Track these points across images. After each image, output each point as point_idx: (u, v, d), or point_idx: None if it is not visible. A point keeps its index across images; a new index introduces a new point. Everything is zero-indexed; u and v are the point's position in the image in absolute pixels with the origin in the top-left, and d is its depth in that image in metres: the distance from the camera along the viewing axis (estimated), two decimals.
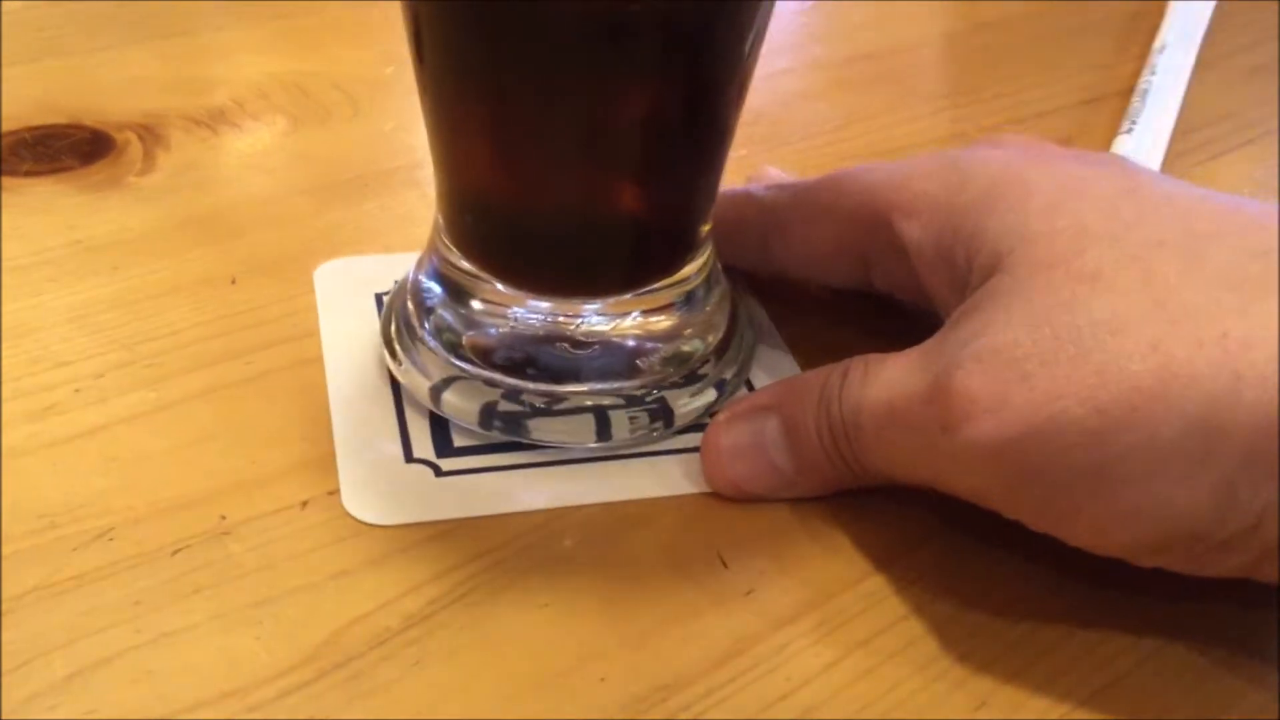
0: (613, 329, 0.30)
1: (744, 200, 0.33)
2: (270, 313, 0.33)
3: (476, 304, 0.30)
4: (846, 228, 0.31)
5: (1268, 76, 0.51)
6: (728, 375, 0.31)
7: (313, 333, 0.33)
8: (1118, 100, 0.48)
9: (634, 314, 0.30)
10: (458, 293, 0.30)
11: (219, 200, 0.38)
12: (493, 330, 0.30)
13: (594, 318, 0.30)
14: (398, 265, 0.34)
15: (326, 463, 0.29)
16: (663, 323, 0.31)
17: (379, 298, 0.34)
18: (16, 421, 0.29)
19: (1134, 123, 0.45)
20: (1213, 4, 0.56)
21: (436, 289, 0.31)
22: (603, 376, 0.30)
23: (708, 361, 0.31)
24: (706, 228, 0.31)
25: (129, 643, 0.25)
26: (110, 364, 0.31)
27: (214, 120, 0.43)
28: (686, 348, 0.31)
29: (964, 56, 0.53)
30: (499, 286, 0.30)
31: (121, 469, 0.28)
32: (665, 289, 0.30)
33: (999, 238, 0.26)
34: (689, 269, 0.31)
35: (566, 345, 0.30)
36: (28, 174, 0.39)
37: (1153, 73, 0.49)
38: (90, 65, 0.46)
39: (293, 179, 0.40)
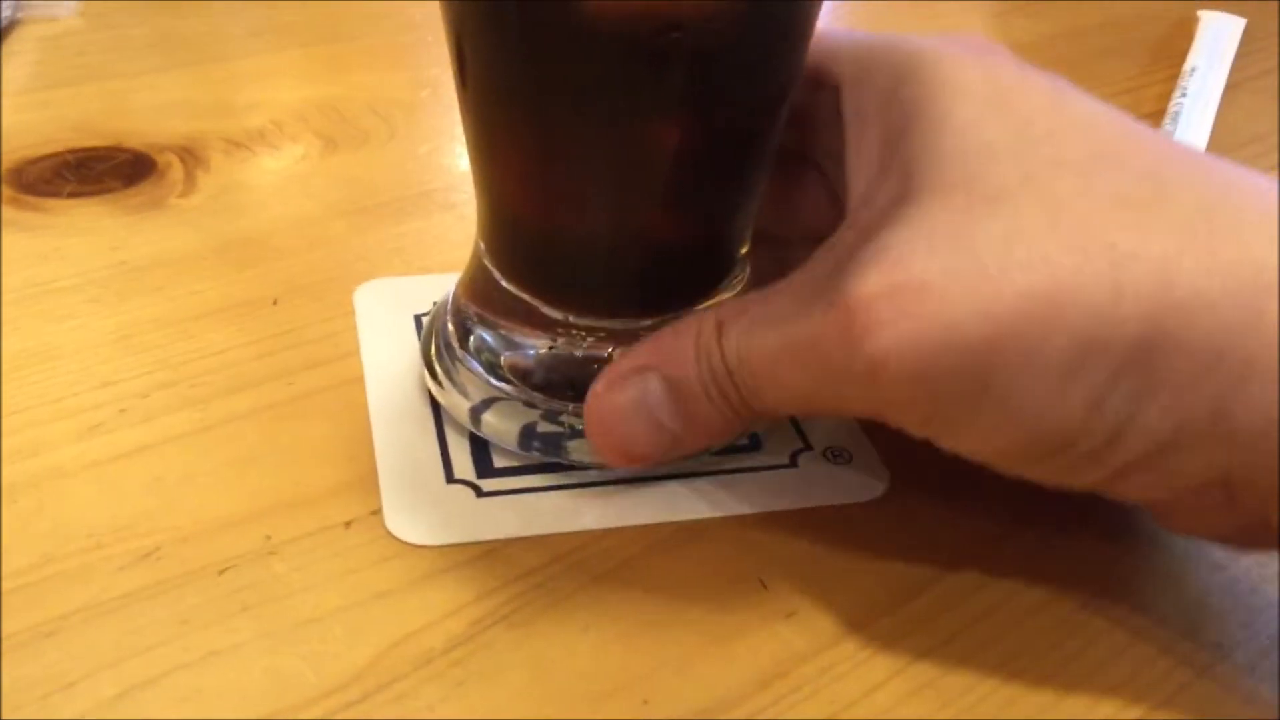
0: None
1: None
2: (311, 333, 0.34)
3: (516, 324, 0.30)
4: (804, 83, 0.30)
5: None
6: None
7: (353, 353, 0.33)
8: (1148, 123, 0.48)
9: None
10: (497, 313, 0.30)
11: (259, 221, 0.39)
12: (531, 351, 0.30)
13: (626, 338, 0.30)
14: (436, 286, 0.35)
15: (369, 483, 0.29)
16: None
17: (418, 319, 0.34)
18: (62, 441, 0.30)
19: None
20: (1242, 24, 0.56)
21: (476, 309, 0.31)
22: None
23: None
24: (745, 249, 0.31)
25: (176, 661, 0.25)
26: (154, 384, 0.32)
27: (253, 142, 0.43)
28: None
29: None
30: (539, 307, 0.30)
31: (167, 489, 0.29)
32: (704, 310, 0.30)
33: (917, 153, 0.25)
34: (728, 289, 0.31)
35: (605, 366, 0.30)
36: (71, 195, 0.39)
37: (1183, 95, 0.49)
38: (131, 89, 0.46)
39: (331, 201, 0.40)
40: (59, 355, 0.32)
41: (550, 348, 0.30)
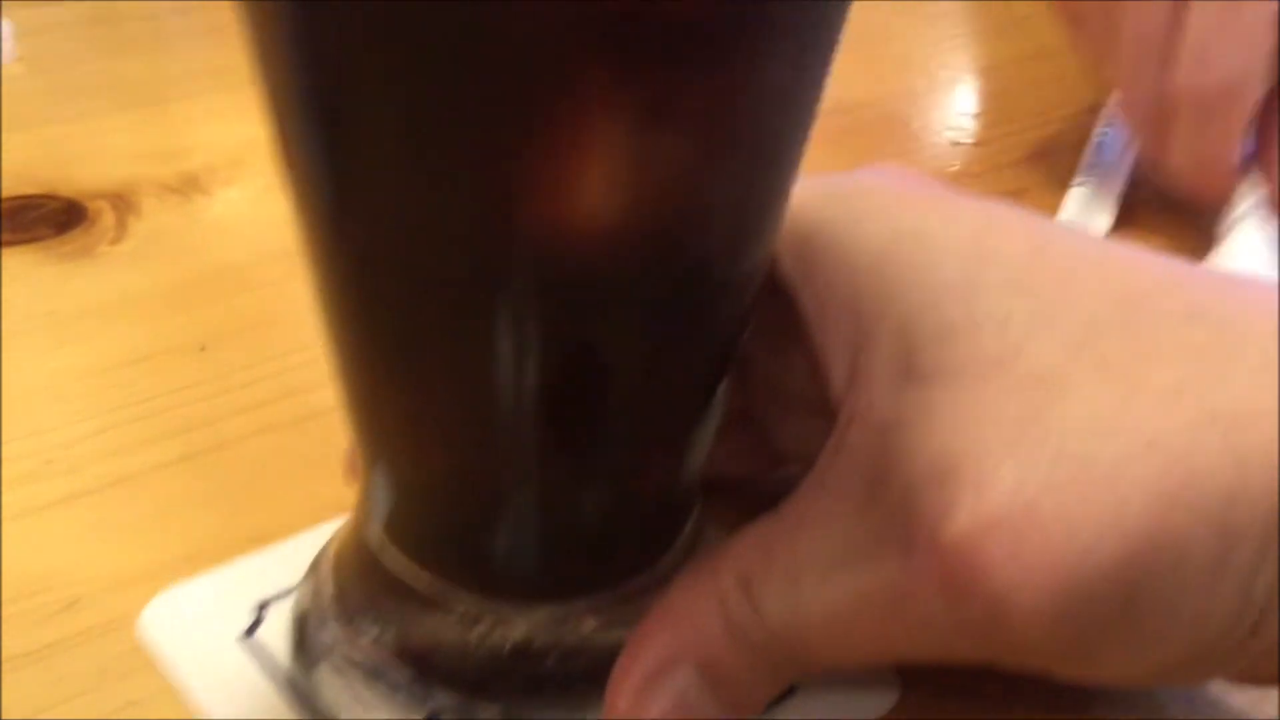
0: (576, 638, 0.25)
1: None
2: (238, 379, 0.34)
3: (406, 604, 0.25)
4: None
5: None
6: None
7: (281, 397, 0.33)
8: (1072, 152, 0.49)
9: (596, 618, 0.25)
10: (383, 590, 0.25)
11: (190, 267, 0.39)
12: (429, 637, 0.25)
13: (552, 625, 0.24)
14: (268, 569, 0.28)
15: (286, 530, 0.29)
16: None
17: (260, 608, 0.27)
18: None
19: (1087, 173, 0.46)
20: None
21: (356, 584, 0.25)
22: (564, 697, 0.24)
23: None
24: (696, 507, 0.26)
25: (96, 712, 0.25)
26: (81, 434, 0.32)
27: (186, 187, 0.44)
28: None
29: (921, 110, 0.54)
30: (435, 583, 0.24)
31: (90, 539, 0.29)
32: (641, 583, 0.25)
33: (913, 324, 0.22)
34: (673, 556, 0.25)
35: (522, 658, 0.24)
36: (5, 244, 0.40)
37: (1108, 124, 0.50)
38: (66, 135, 0.47)
39: (264, 245, 0.41)
40: None
41: (453, 633, 0.24)
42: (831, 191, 0.25)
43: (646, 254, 0.19)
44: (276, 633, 0.26)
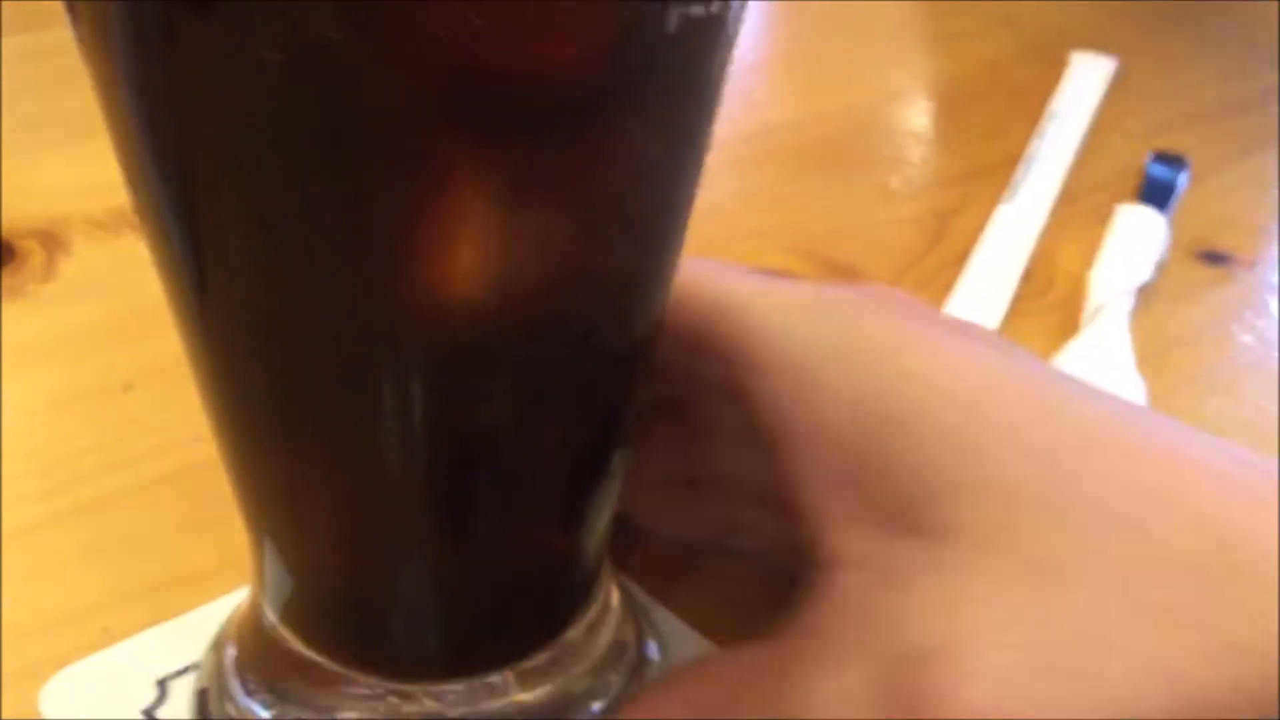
0: (484, 713, 0.24)
1: None
2: (161, 419, 0.34)
3: (305, 682, 0.24)
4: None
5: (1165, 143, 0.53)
6: None
7: (203, 439, 0.33)
8: (1007, 169, 0.50)
9: (503, 693, 0.24)
10: (281, 667, 0.25)
11: (117, 306, 0.39)
12: (330, 715, 0.24)
13: (458, 701, 0.24)
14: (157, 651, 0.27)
15: (210, 574, 0.29)
16: (545, 693, 0.25)
17: (161, 685, 0.26)
18: None
19: (1016, 191, 0.46)
20: (1111, 66, 0.57)
21: (255, 660, 0.25)
22: None
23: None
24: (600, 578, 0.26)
25: None
26: (3, 477, 0.32)
27: (116, 223, 0.43)
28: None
29: (863, 130, 0.54)
30: (332, 664, 0.24)
31: (9, 585, 0.29)
32: (548, 655, 0.25)
33: (910, 473, 0.22)
34: (578, 627, 0.25)
35: None
36: None
37: (1040, 139, 0.50)
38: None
39: None
40: None
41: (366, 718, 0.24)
42: (824, 310, 0.24)
43: (519, 326, 0.19)
44: (178, 709, 0.26)
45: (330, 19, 0.15)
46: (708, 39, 0.19)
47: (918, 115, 0.56)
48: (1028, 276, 0.43)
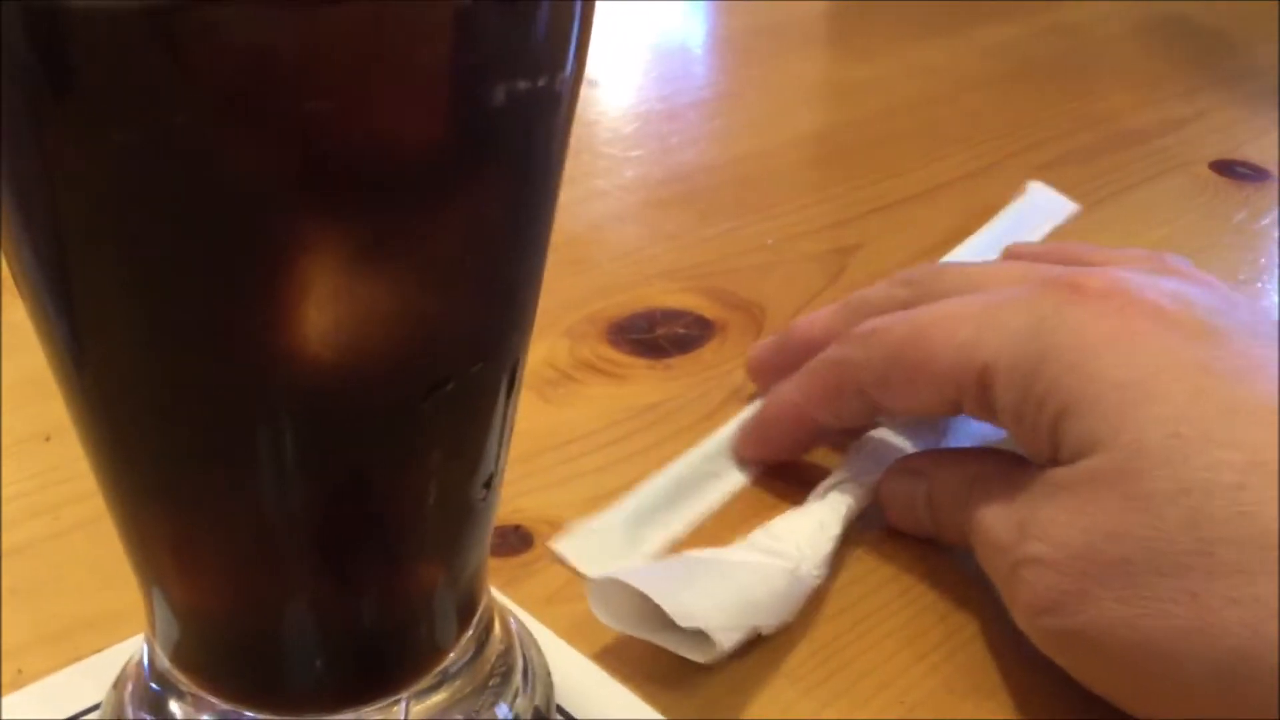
0: None
1: (832, 367, 0.35)
2: (80, 466, 0.35)
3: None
4: (944, 385, 0.32)
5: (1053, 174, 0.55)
6: None
7: None
8: (902, 208, 0.52)
9: (397, 713, 0.25)
10: (177, 707, 0.25)
11: (38, 359, 0.40)
12: None
13: None
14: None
15: (122, 616, 0.30)
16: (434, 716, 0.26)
17: None
18: None
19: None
20: (1069, 209, 0.53)
21: (152, 701, 0.26)
22: None
23: None
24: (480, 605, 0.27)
25: None
26: None
27: None
28: None
29: (767, 173, 0.57)
30: (223, 701, 0.25)
31: None
32: (431, 682, 0.26)
33: (1077, 437, 0.28)
34: (459, 652, 0.26)
35: None
36: None
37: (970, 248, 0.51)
38: None
39: None
40: None
41: None
42: (1056, 317, 0.30)
43: (374, 381, 0.21)
44: None
45: (177, 104, 0.17)
46: (539, 109, 0.20)
47: (820, 159, 0.59)
48: None
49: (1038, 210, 0.52)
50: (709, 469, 0.37)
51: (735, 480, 0.37)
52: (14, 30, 0.17)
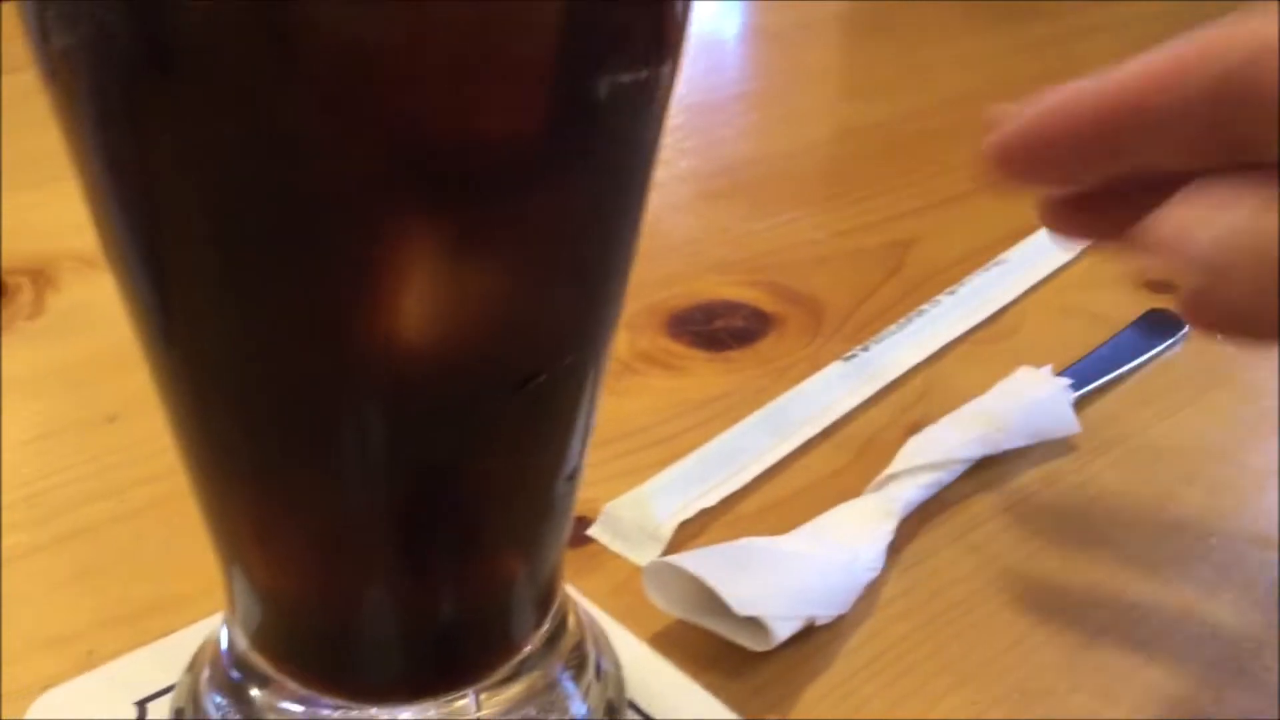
0: None
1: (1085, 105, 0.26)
2: (145, 449, 0.35)
3: (276, 703, 0.25)
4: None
5: None
6: None
7: None
8: (961, 202, 0.51)
9: (465, 712, 0.25)
10: (253, 688, 0.26)
11: (103, 340, 0.40)
12: None
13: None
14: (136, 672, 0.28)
15: (191, 598, 0.30)
16: (506, 710, 0.26)
17: (141, 706, 0.28)
18: None
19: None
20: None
21: (228, 682, 0.26)
22: None
23: None
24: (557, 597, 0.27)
25: None
26: None
27: (102, 259, 0.45)
28: None
29: (824, 165, 0.56)
30: (301, 687, 0.25)
31: (3, 609, 0.30)
32: (505, 673, 0.26)
33: None
34: (535, 645, 0.26)
35: None
36: None
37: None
38: None
39: None
40: None
41: None
42: None
43: (463, 372, 0.21)
44: None
45: (281, 96, 0.17)
46: (639, 103, 0.20)
47: (872, 152, 0.58)
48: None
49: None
50: (741, 444, 0.37)
51: (769, 456, 0.37)
52: (122, 18, 0.17)
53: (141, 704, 0.28)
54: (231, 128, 0.18)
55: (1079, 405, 0.39)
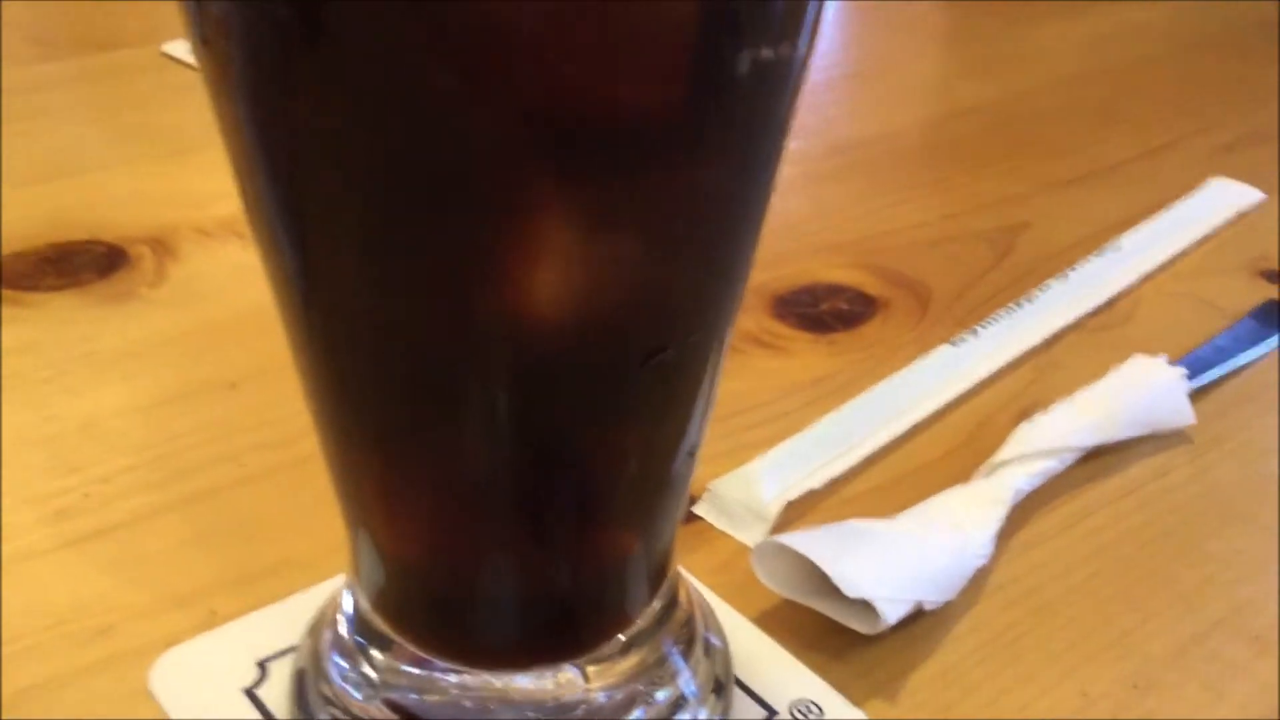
0: (561, 699, 0.26)
1: None
2: (265, 416, 0.36)
3: (396, 666, 0.26)
4: None
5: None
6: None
7: (306, 434, 0.35)
8: (1076, 186, 0.50)
9: (580, 679, 0.26)
10: (374, 651, 0.26)
11: (223, 308, 0.42)
12: (419, 698, 0.26)
13: (536, 688, 0.25)
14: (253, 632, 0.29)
15: (310, 561, 0.31)
16: (615, 680, 0.26)
17: (262, 666, 0.28)
18: (31, 526, 0.32)
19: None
20: (1257, 198, 0.52)
21: (349, 644, 0.27)
22: None
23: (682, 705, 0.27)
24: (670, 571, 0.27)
25: None
26: (116, 469, 0.34)
27: (221, 230, 0.46)
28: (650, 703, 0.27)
29: (931, 146, 0.56)
30: (420, 650, 0.26)
31: (123, 569, 0.31)
32: (619, 645, 0.26)
33: None
34: (648, 617, 0.27)
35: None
36: (50, 289, 0.42)
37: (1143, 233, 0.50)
38: (104, 181, 0.49)
39: None
40: (31, 444, 0.35)
41: (453, 700, 0.25)
42: None
43: (593, 344, 0.21)
44: (277, 689, 0.28)
45: (428, 68, 0.17)
46: (776, 80, 0.20)
47: (984, 132, 0.57)
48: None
49: (1219, 199, 0.51)
50: (849, 426, 0.37)
51: (876, 438, 0.37)
52: None
53: (263, 663, 0.28)
54: (378, 96, 0.18)
55: (1194, 396, 0.38)
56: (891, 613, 0.29)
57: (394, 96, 0.18)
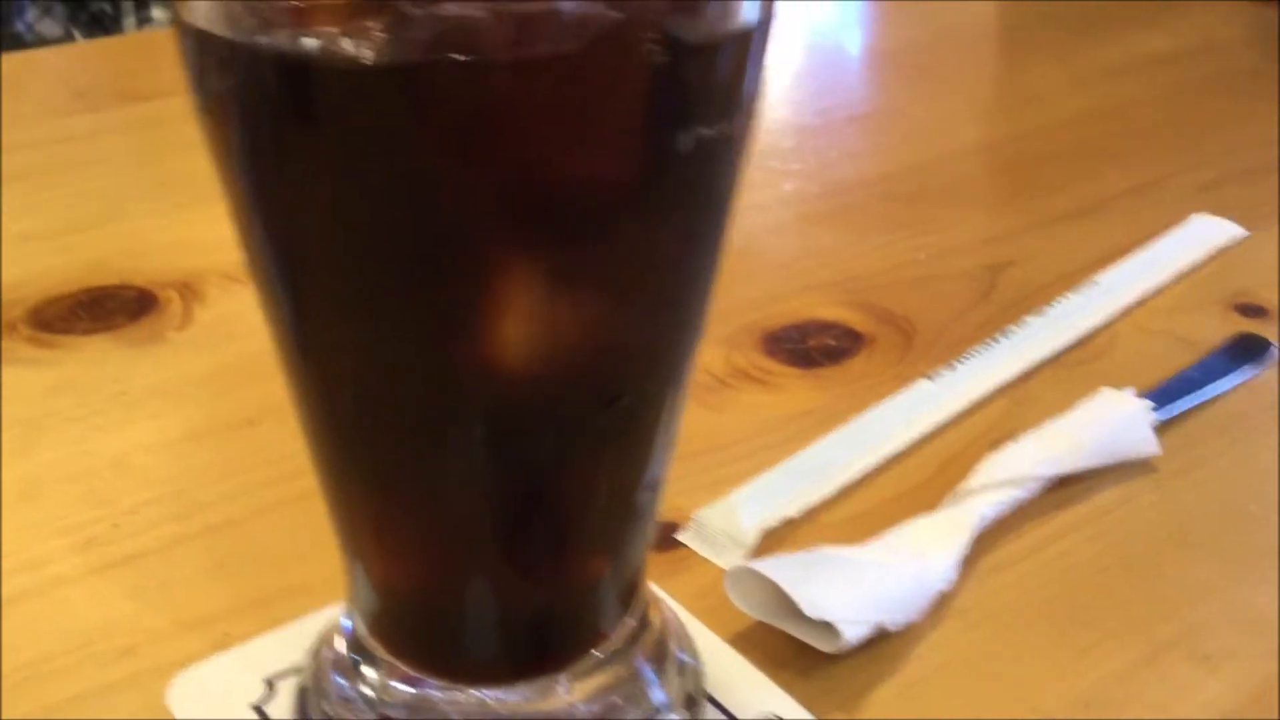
0: (550, 710, 0.28)
1: None
2: (282, 450, 0.39)
3: (390, 685, 0.28)
4: None
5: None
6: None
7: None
8: (1061, 225, 0.52)
9: (564, 691, 0.28)
10: (370, 670, 0.29)
11: (245, 349, 0.44)
12: (413, 715, 0.28)
13: (524, 701, 0.28)
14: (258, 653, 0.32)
15: (318, 587, 0.34)
16: (593, 693, 0.28)
17: (269, 683, 0.31)
18: (63, 554, 0.35)
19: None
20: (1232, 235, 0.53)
21: (347, 664, 0.29)
22: None
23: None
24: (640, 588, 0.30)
25: None
26: (143, 502, 0.37)
27: (245, 276, 0.48)
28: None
29: (922, 188, 0.58)
30: (413, 669, 0.28)
31: (147, 594, 0.34)
32: (596, 659, 0.29)
33: None
34: (621, 632, 0.29)
35: None
36: (83, 332, 0.45)
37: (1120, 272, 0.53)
38: (142, 230, 0.52)
39: None
40: (65, 479, 0.38)
41: (445, 716, 0.28)
42: None
43: (557, 389, 0.24)
44: (284, 706, 0.30)
45: (406, 146, 0.20)
46: (718, 155, 0.23)
47: (976, 174, 0.60)
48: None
49: (1199, 236, 0.52)
50: (827, 457, 0.39)
51: (852, 469, 0.39)
52: (272, 75, 0.20)
53: (271, 682, 0.31)
54: (363, 171, 0.21)
55: (1163, 428, 0.40)
56: (852, 633, 0.31)
57: (377, 172, 0.21)
